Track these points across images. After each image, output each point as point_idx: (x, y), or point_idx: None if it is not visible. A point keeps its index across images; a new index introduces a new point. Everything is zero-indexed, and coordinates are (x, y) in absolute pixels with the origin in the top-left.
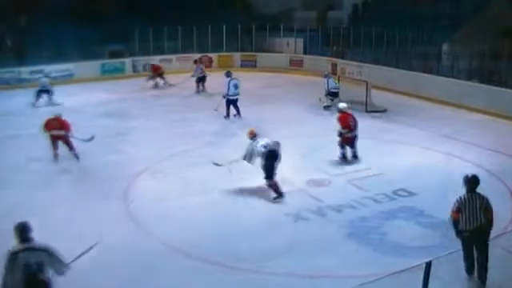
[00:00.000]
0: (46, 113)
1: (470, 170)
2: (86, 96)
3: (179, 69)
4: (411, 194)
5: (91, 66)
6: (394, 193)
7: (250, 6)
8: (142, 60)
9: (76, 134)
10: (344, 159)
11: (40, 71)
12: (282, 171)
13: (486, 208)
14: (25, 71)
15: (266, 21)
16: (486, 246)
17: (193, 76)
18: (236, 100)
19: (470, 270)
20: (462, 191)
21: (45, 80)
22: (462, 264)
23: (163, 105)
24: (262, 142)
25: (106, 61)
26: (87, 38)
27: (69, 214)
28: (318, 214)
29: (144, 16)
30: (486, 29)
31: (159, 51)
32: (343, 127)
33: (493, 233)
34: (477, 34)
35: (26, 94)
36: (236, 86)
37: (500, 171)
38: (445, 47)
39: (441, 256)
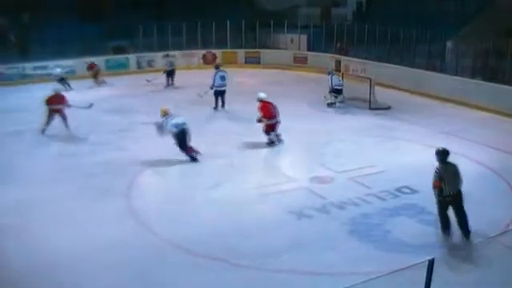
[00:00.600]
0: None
1: (472, 168)
2: (89, 92)
3: (184, 65)
4: (414, 191)
5: (95, 62)
6: (397, 190)
7: (254, 3)
8: (146, 56)
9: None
10: (272, 144)
11: (43, 67)
12: (285, 168)
13: (459, 173)
14: (28, 67)
15: (270, 17)
16: (463, 205)
17: (164, 71)
18: (223, 91)
19: (447, 229)
20: (466, 188)
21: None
22: (465, 262)
23: (168, 101)
24: (172, 121)
25: (109, 57)
26: (91, 33)
27: (72, 209)
28: (321, 211)
29: (148, 12)
30: (490, 27)
31: (163, 47)
32: (265, 116)
33: (495, 230)
34: (481, 32)
35: (29, 90)
36: (223, 78)
37: (502, 169)
38: (449, 45)
39: (444, 254)
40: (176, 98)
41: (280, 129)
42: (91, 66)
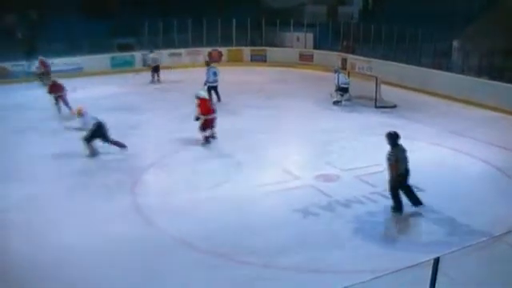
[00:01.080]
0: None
1: (478, 166)
2: (95, 89)
3: (189, 63)
4: (419, 189)
5: (101, 60)
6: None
7: (260, 1)
8: (151, 54)
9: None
10: (207, 141)
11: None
12: (290, 166)
13: (406, 154)
14: (34, 65)
15: (276, 15)
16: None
17: (149, 67)
18: (216, 86)
19: (401, 209)
20: (472, 187)
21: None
22: (470, 261)
23: (173, 99)
24: (88, 118)
25: (115, 54)
26: (97, 31)
27: (77, 206)
28: (327, 210)
29: (154, 9)
30: (496, 26)
31: (169, 44)
32: (203, 112)
33: (500, 229)
34: (487, 31)
35: (34, 88)
36: (215, 74)
37: (508, 168)
38: (455, 44)
39: (449, 252)
40: (178, 96)
41: (286, 127)
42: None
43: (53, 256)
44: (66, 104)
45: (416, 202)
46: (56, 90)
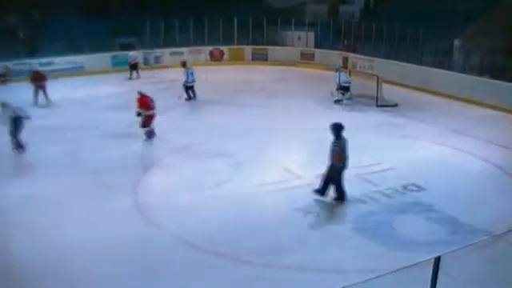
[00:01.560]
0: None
1: (479, 165)
2: (96, 88)
3: (190, 61)
4: (421, 189)
5: (102, 59)
6: (404, 188)
7: (262, 0)
8: (153, 52)
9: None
10: (150, 137)
11: (51, 63)
12: (291, 165)
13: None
14: (36, 63)
15: (278, 14)
16: None
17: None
18: (193, 86)
19: (345, 196)
20: (473, 186)
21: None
22: (471, 260)
23: (174, 98)
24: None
25: (116, 53)
26: (98, 30)
27: (79, 205)
28: (328, 209)
29: (155, 9)
30: (497, 25)
31: (170, 44)
32: (143, 107)
33: (501, 228)
34: (488, 30)
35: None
36: (192, 74)
37: (509, 166)
38: (456, 43)
39: (450, 251)
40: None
41: (287, 125)
42: (38, 77)
43: (54, 255)
44: (46, 95)
45: (341, 196)
46: (38, 79)
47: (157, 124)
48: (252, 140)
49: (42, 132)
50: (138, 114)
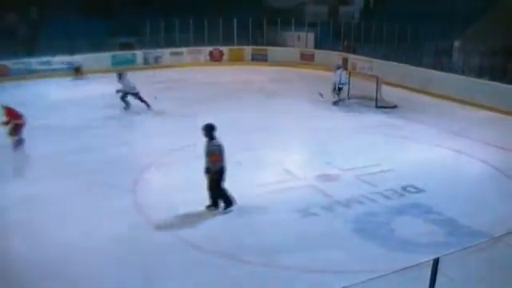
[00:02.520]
0: (48, 105)
1: (478, 167)
2: (95, 88)
3: (190, 61)
4: (420, 190)
5: (101, 58)
6: (403, 189)
7: (261, 0)
8: (153, 52)
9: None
10: (18, 146)
11: (49, 62)
12: (291, 166)
13: None
14: (34, 62)
15: (278, 15)
16: None
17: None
18: (138, 93)
19: (232, 201)
20: (471, 188)
21: None
22: (469, 262)
23: (173, 98)
24: None
25: (116, 53)
26: (98, 29)
27: (78, 205)
28: (327, 210)
29: (155, 9)
30: (497, 26)
31: (170, 43)
32: (12, 117)
33: (500, 230)
34: (488, 31)
35: (35, 85)
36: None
37: (507, 168)
38: (456, 44)
39: (448, 253)
40: (178, 95)
41: (286, 126)
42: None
43: (54, 255)
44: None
45: (216, 203)
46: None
47: (156, 123)
48: (251, 140)
49: (42, 131)
50: (7, 123)
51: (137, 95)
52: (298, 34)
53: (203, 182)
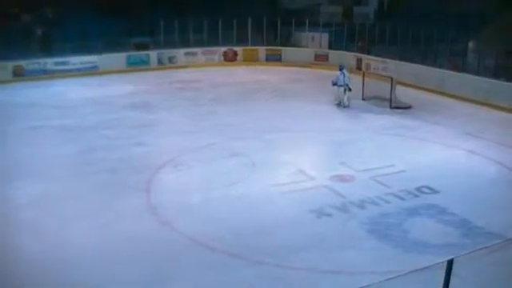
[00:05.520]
0: (63, 105)
1: (493, 168)
2: (110, 88)
3: (204, 62)
4: (434, 191)
5: (116, 58)
6: (417, 190)
7: (276, 0)
8: (167, 52)
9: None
10: None
11: (65, 62)
12: (305, 166)
13: None
14: (49, 62)
15: (292, 15)
16: None
17: None
18: None
19: None
20: (486, 189)
21: None
22: (483, 263)
23: (188, 98)
24: None
25: (131, 53)
26: (113, 30)
27: (92, 204)
28: (341, 210)
29: (169, 9)
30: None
31: (184, 44)
32: None
33: None
34: (503, 32)
35: (50, 85)
36: None
37: None
38: (471, 45)
39: (462, 254)
40: (193, 95)
41: (300, 127)
42: None
43: (65, 254)
44: None
45: None
46: None
47: (171, 124)
48: (265, 140)
49: (57, 131)
50: None
51: None
52: (313, 34)
53: (217, 181)
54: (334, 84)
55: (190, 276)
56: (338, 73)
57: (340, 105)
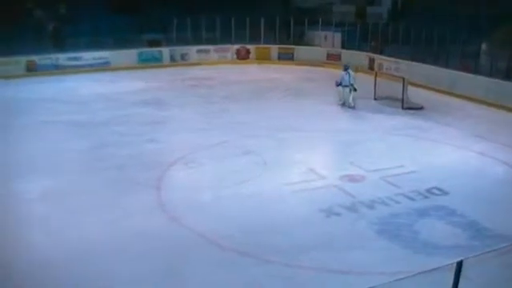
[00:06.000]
0: (75, 101)
1: (503, 170)
2: (122, 84)
3: (217, 59)
4: (444, 192)
5: (128, 55)
6: (427, 191)
7: None
8: (179, 49)
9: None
10: None
11: (77, 58)
12: (315, 165)
13: None
14: (62, 58)
15: (305, 14)
16: None
17: None
18: None
19: None
20: (496, 191)
21: None
22: (493, 265)
23: (200, 95)
24: None
25: (143, 49)
26: (125, 26)
27: (102, 200)
28: (351, 210)
29: (182, 6)
30: None
31: (197, 41)
32: None
33: None
34: None
35: (62, 81)
36: None
37: None
38: (484, 47)
39: (472, 256)
40: (205, 92)
41: (312, 126)
42: None
43: (74, 251)
44: None
45: None
46: None
47: (182, 121)
48: (277, 139)
49: (68, 127)
50: None
51: None
52: (325, 33)
53: (228, 179)
54: (339, 84)
55: (199, 273)
56: (343, 73)
57: (344, 105)
